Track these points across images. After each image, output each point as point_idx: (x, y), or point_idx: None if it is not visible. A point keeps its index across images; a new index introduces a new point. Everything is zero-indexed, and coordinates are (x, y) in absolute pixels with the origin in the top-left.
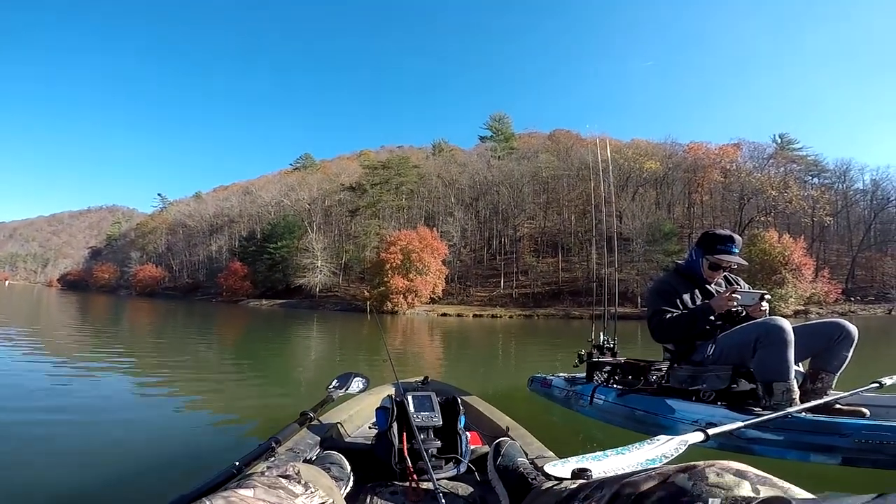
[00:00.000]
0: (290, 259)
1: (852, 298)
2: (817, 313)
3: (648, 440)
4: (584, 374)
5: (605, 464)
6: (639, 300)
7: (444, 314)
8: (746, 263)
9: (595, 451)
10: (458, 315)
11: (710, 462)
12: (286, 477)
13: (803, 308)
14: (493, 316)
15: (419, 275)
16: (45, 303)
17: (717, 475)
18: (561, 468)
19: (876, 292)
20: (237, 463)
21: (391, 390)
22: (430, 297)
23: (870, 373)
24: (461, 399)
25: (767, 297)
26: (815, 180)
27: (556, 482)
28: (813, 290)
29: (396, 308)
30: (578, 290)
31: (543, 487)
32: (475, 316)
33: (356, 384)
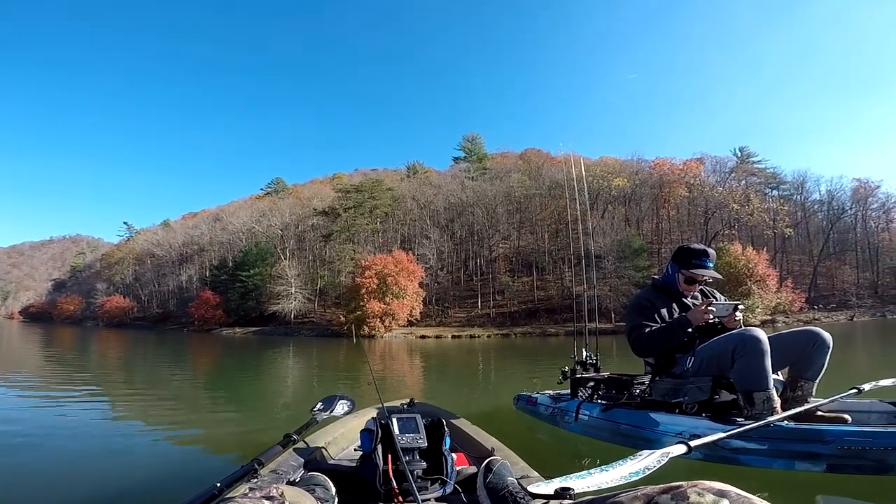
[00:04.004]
0: (263, 286)
1: (816, 307)
2: (784, 322)
3: (631, 456)
4: (568, 391)
5: (588, 481)
6: (612, 315)
7: (423, 336)
8: (721, 277)
9: (581, 467)
10: (437, 337)
11: (694, 482)
12: (269, 498)
13: (770, 318)
14: (471, 336)
15: (396, 298)
16: (6, 335)
17: (699, 495)
18: (544, 487)
19: (837, 300)
20: (218, 484)
21: (376, 413)
22: (408, 320)
23: (841, 380)
24: (447, 421)
25: (741, 307)
26: (775, 192)
27: (543, 502)
28: (778, 300)
29: (374, 332)
30: (554, 307)
31: None
32: (454, 337)
33: (341, 406)
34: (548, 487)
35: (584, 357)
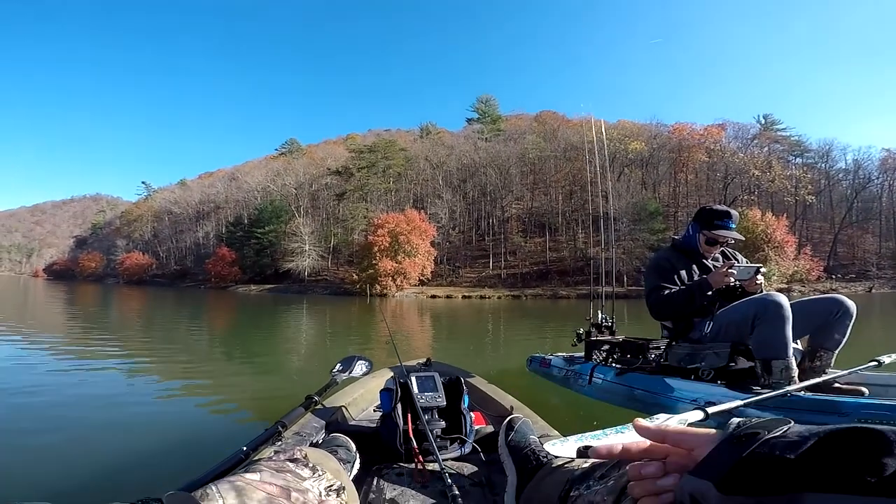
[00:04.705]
0: (277, 244)
1: (834, 276)
2: (799, 291)
3: (648, 419)
4: (582, 354)
5: (605, 442)
6: (625, 278)
7: (433, 296)
8: (743, 238)
9: (594, 431)
10: (448, 297)
11: None
12: (294, 461)
13: (786, 286)
14: (481, 297)
15: (408, 257)
16: (32, 293)
17: None
18: (560, 447)
19: (857, 270)
20: (245, 448)
21: (393, 373)
22: (419, 279)
23: (857, 354)
24: (464, 380)
25: (763, 270)
26: (798, 160)
27: (568, 461)
28: (795, 268)
29: (385, 291)
30: (566, 269)
31: (554, 465)
32: (464, 297)
33: (360, 367)
34: (564, 447)
35: (600, 320)
